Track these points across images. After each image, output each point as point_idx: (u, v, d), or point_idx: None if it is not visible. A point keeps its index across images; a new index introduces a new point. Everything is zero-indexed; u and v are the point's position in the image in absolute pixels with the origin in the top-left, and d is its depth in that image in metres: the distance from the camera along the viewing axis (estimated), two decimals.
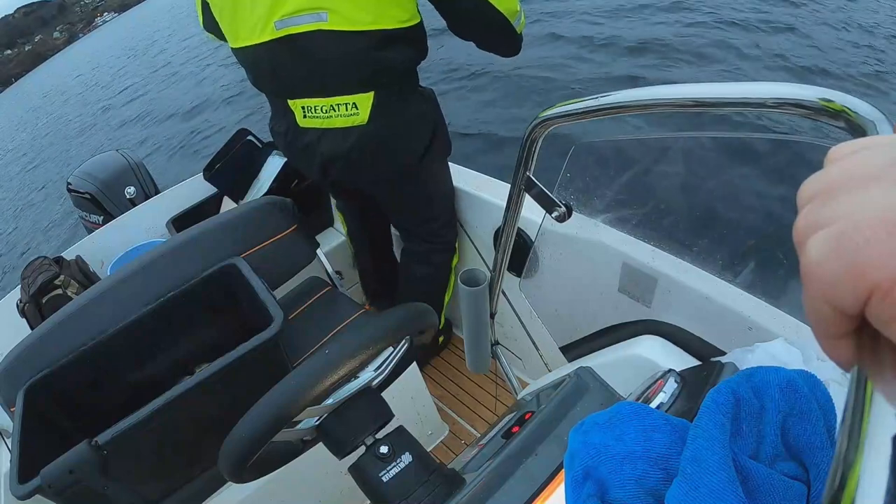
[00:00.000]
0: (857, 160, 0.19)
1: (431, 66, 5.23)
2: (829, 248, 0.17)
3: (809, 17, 4.70)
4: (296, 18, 1.17)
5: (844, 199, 0.18)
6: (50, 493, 0.84)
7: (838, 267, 0.17)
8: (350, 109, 1.27)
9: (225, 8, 1.25)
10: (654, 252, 0.95)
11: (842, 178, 0.19)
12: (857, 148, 0.20)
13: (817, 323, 0.19)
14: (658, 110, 0.52)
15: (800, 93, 0.39)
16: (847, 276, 0.17)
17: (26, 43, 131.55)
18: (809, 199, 0.20)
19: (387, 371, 0.72)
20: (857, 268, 0.16)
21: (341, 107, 1.27)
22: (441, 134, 1.41)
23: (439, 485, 0.59)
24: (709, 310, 0.85)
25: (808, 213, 0.19)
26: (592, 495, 0.38)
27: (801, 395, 0.37)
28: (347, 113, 1.27)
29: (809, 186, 0.20)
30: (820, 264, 0.17)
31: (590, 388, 0.62)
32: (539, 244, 1.10)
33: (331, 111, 1.28)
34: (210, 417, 0.98)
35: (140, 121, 9.35)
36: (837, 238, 0.17)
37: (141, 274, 1.17)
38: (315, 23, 1.17)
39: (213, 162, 1.86)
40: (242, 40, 1.27)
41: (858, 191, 0.18)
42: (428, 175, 1.46)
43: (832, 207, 0.18)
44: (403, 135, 1.33)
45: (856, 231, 0.17)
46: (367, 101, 1.26)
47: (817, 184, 0.20)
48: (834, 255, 0.17)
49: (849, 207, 0.18)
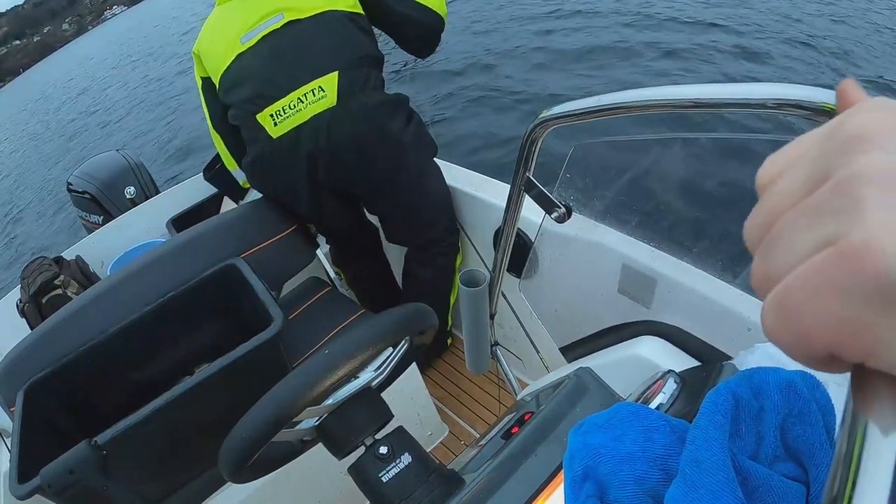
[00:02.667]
0: (781, 188, 0.17)
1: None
2: (775, 317, 0.16)
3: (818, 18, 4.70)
4: (258, 27, 1.25)
5: (782, 244, 0.16)
6: (50, 493, 0.84)
7: (788, 336, 0.16)
8: (318, 94, 1.24)
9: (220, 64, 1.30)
10: (654, 252, 0.95)
11: (771, 215, 0.17)
12: (779, 167, 0.18)
13: (798, 360, 0.17)
14: (658, 111, 0.52)
15: (800, 93, 0.39)
16: (799, 344, 0.16)
17: (35, 34, 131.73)
18: (755, 242, 0.18)
19: (386, 371, 0.72)
20: (803, 336, 0.15)
21: (308, 95, 1.24)
22: (419, 124, 1.39)
23: (439, 485, 0.59)
24: (708, 310, 0.85)
25: (756, 265, 0.18)
26: (592, 496, 0.38)
27: (801, 396, 0.37)
28: (315, 98, 1.24)
29: (751, 224, 0.18)
30: (772, 334, 0.16)
31: (589, 389, 0.62)
32: (539, 245, 1.10)
33: (299, 104, 1.25)
34: (210, 417, 0.98)
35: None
36: (778, 307, 0.16)
37: (141, 274, 1.17)
38: (274, 24, 1.24)
39: (213, 162, 1.86)
40: (224, 63, 1.30)
41: (786, 234, 0.16)
42: (419, 175, 1.42)
43: (773, 257, 0.17)
44: (377, 114, 1.30)
45: (788, 295, 0.15)
46: (332, 80, 1.24)
47: (758, 221, 0.18)
48: (780, 323, 0.16)
49: (786, 256, 0.16)
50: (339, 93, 1.24)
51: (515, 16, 6.52)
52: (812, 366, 0.16)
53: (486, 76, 5.19)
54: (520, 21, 6.28)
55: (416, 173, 1.42)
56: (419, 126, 1.39)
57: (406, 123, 1.35)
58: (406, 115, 1.36)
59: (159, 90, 10.78)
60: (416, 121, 1.39)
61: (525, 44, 5.58)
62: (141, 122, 9.18)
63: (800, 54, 4.13)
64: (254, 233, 1.28)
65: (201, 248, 1.22)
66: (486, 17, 6.72)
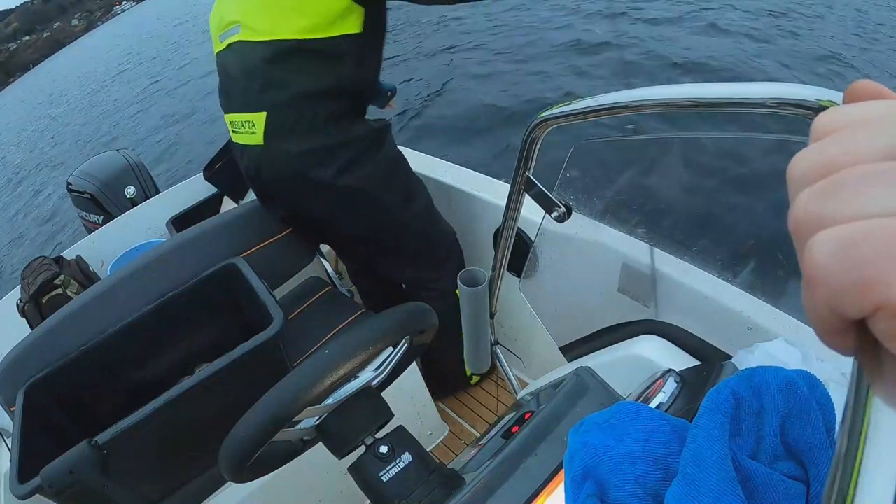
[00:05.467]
0: (859, 140, 0.17)
1: None
2: (835, 253, 0.16)
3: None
4: (228, 31, 1.19)
5: (851, 194, 0.16)
6: (50, 493, 0.84)
7: (844, 277, 0.16)
8: (249, 128, 1.19)
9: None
10: (654, 252, 0.95)
11: (844, 160, 0.17)
12: (852, 119, 0.18)
13: (816, 321, 0.18)
14: (658, 110, 0.52)
15: (800, 93, 0.39)
16: (853, 288, 0.15)
17: (45, 29, 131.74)
18: (804, 180, 0.18)
19: (387, 371, 0.72)
20: (865, 282, 0.15)
21: (244, 124, 1.20)
22: (380, 163, 1.22)
23: (439, 484, 0.59)
24: (709, 310, 0.85)
25: (808, 201, 0.17)
26: (592, 495, 0.38)
27: (801, 396, 0.37)
28: (247, 131, 1.19)
29: (804, 163, 0.18)
30: (824, 269, 0.16)
31: (589, 388, 0.62)
32: (539, 244, 1.10)
33: (241, 127, 1.21)
34: (210, 417, 0.98)
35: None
36: (846, 245, 0.16)
37: (141, 274, 1.17)
38: (235, 35, 1.17)
39: (213, 162, 1.86)
40: (214, 50, 1.28)
41: (867, 187, 0.16)
42: (376, 218, 1.27)
43: (837, 201, 0.16)
44: (299, 162, 1.17)
45: (866, 241, 0.15)
46: (261, 119, 1.15)
47: (812, 163, 0.18)
48: (840, 264, 0.16)
49: (857, 207, 0.16)
50: (266, 133, 1.16)
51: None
52: (843, 310, 0.16)
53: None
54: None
55: (372, 217, 1.29)
56: (376, 166, 1.23)
57: (342, 169, 1.19)
58: (347, 158, 1.19)
59: (158, 91, 10.79)
60: (375, 160, 1.23)
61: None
62: (141, 121, 9.18)
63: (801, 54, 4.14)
64: (254, 233, 1.28)
65: (201, 248, 1.22)
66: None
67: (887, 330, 0.15)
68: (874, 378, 0.17)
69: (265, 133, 1.16)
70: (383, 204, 1.27)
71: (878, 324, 0.15)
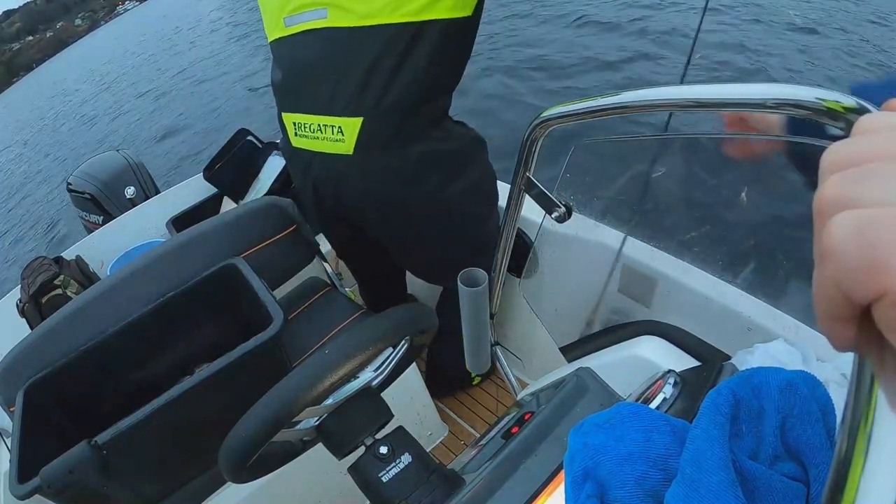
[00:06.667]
0: (883, 143, 0.18)
1: None
2: (852, 231, 0.16)
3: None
4: (301, 15, 0.99)
5: (878, 181, 0.17)
6: (50, 493, 0.84)
7: (857, 255, 0.16)
8: (336, 134, 1.01)
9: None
10: (654, 252, 0.95)
11: (877, 154, 0.18)
12: (892, 123, 0.19)
13: (822, 302, 0.18)
14: (658, 111, 0.52)
15: (799, 93, 0.39)
16: (863, 267, 0.16)
17: (48, 29, 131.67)
18: (837, 167, 0.19)
19: (386, 371, 0.72)
20: (876, 265, 0.16)
21: (326, 129, 1.02)
22: (475, 178, 1.09)
23: (439, 485, 0.59)
24: (709, 310, 0.85)
25: (836, 184, 0.18)
26: (592, 496, 0.38)
27: (801, 396, 0.37)
28: (333, 137, 1.02)
29: (838, 154, 0.19)
30: (839, 246, 0.17)
31: (589, 389, 0.62)
32: (539, 245, 1.10)
33: (317, 131, 1.04)
34: (210, 417, 0.98)
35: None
36: (864, 225, 0.16)
37: (141, 274, 1.17)
38: (316, 20, 0.98)
39: (214, 162, 1.86)
40: (269, 35, 1.11)
41: (888, 175, 0.17)
42: (456, 211, 1.14)
43: (864, 187, 0.17)
44: (397, 176, 1.04)
45: (883, 224, 0.16)
46: (355, 127, 0.98)
47: (848, 153, 0.19)
48: (855, 242, 0.16)
49: (882, 193, 0.17)
50: (359, 143, 1.00)
51: None
52: (850, 290, 0.16)
53: None
54: None
55: (462, 236, 1.17)
56: (483, 172, 1.13)
57: (450, 180, 1.06)
58: (455, 168, 1.07)
59: (158, 91, 10.80)
60: (474, 171, 1.11)
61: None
62: (141, 121, 9.19)
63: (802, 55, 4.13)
64: (254, 233, 1.28)
65: (201, 248, 1.22)
66: None
67: (887, 318, 0.16)
68: (878, 371, 0.17)
69: (357, 142, 0.99)
70: (479, 215, 1.15)
71: (880, 312, 0.16)
